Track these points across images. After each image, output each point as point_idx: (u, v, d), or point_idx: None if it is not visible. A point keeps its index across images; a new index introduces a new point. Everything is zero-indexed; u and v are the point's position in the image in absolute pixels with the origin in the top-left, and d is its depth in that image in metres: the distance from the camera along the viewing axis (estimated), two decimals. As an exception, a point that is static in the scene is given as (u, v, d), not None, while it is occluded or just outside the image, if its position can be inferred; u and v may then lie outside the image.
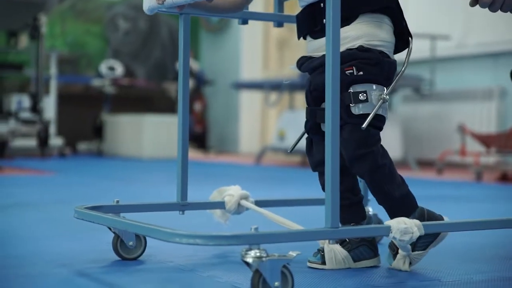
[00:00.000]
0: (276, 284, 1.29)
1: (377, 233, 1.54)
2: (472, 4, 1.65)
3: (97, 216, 1.63)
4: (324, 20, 1.58)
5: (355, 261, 1.69)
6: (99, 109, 8.04)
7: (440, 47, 6.17)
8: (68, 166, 5.81)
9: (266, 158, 7.07)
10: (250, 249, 1.30)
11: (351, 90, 1.58)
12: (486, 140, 5.06)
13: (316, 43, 1.67)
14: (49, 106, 7.17)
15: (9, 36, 7.04)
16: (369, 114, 1.57)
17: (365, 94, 1.58)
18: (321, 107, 1.65)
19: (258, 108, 8.74)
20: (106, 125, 7.78)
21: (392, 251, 1.67)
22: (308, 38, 1.70)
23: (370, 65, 1.60)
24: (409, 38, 1.69)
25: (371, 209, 2.03)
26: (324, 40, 1.61)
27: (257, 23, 8.22)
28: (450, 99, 6.20)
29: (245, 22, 1.93)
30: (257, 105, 8.72)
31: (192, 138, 8.47)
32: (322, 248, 1.68)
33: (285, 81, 5.75)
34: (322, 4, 1.62)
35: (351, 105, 1.58)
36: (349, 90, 1.58)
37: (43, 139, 6.57)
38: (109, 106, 8.00)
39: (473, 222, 1.70)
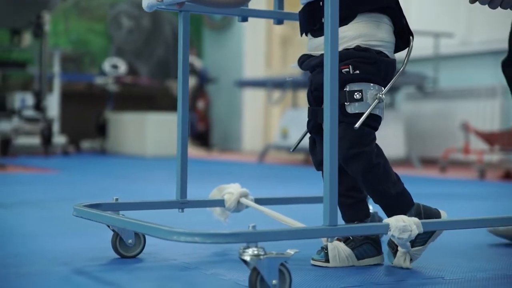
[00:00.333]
0: (274, 282, 1.29)
1: (376, 231, 1.53)
2: (472, 1, 1.64)
3: (95, 214, 1.63)
4: (323, 19, 1.58)
5: (358, 259, 1.68)
6: (102, 107, 8.04)
7: (443, 45, 6.16)
8: (72, 164, 5.82)
9: (269, 156, 7.07)
10: (248, 247, 1.30)
11: (347, 89, 1.57)
12: (489, 138, 5.05)
13: (315, 41, 1.66)
14: (53, 104, 7.18)
15: (12, 34, 7.04)
16: (364, 114, 1.56)
17: (360, 93, 1.57)
18: (322, 107, 1.65)
19: (261, 106, 8.74)
20: (109, 123, 7.79)
21: (392, 249, 1.67)
22: (308, 36, 1.70)
23: (367, 64, 1.59)
24: (410, 37, 1.67)
25: (371, 207, 2.03)
26: (323, 39, 1.61)
27: (260, 20, 8.21)
28: (454, 97, 6.19)
29: (244, 20, 1.93)
30: (260, 103, 8.72)
31: (195, 136, 8.47)
32: (325, 246, 1.68)
33: (287, 79, 5.75)
34: (321, 2, 1.61)
35: (346, 103, 1.57)
36: (344, 89, 1.57)
37: (46, 137, 6.57)
38: (112, 104, 8.00)
39: (473, 220, 1.70)
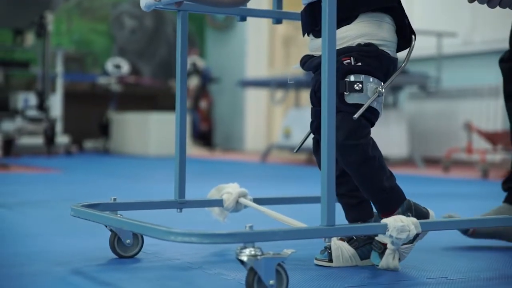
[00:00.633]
0: (271, 282, 1.29)
1: (374, 231, 1.51)
2: (470, 0, 1.64)
3: (93, 214, 1.62)
4: None
5: (362, 259, 1.68)
6: (105, 107, 8.05)
7: (446, 45, 6.15)
8: (74, 164, 5.82)
9: (272, 156, 7.07)
10: (245, 247, 1.30)
11: (348, 79, 1.57)
12: (492, 138, 5.05)
13: (317, 42, 1.66)
14: (56, 104, 7.19)
15: (15, 34, 7.05)
16: (363, 105, 1.56)
17: (360, 85, 1.57)
18: None
19: (264, 106, 8.74)
20: (112, 123, 7.80)
21: (379, 250, 1.63)
22: (310, 36, 1.70)
23: (369, 58, 1.59)
24: (412, 36, 1.67)
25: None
26: None
27: (262, 20, 8.21)
28: (457, 97, 6.19)
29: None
30: (263, 103, 8.72)
31: (198, 136, 8.47)
32: (329, 245, 1.67)
33: (289, 81, 5.72)
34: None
35: (345, 93, 1.57)
36: (345, 79, 1.57)
37: (49, 137, 6.58)
38: (115, 104, 8.01)
39: (472, 220, 1.69)
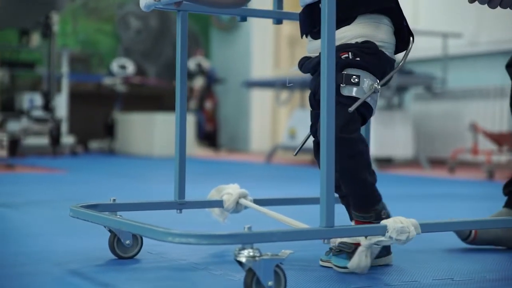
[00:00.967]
0: (270, 283, 1.29)
1: (373, 232, 1.50)
2: (471, 0, 1.64)
3: (91, 215, 1.62)
4: None
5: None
6: (111, 107, 8.06)
7: (452, 45, 6.14)
8: (80, 165, 5.83)
9: (277, 157, 7.06)
10: (243, 249, 1.30)
11: (345, 72, 1.57)
12: (498, 139, 5.04)
13: (315, 43, 1.66)
14: (61, 105, 7.20)
15: (21, 34, 7.07)
16: (358, 99, 1.56)
17: (357, 79, 1.57)
18: None
19: (269, 106, 8.73)
20: (118, 124, 7.80)
21: (349, 249, 1.59)
22: (308, 38, 1.70)
23: (367, 54, 1.59)
24: (410, 38, 1.67)
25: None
26: None
27: (268, 21, 8.20)
28: (462, 97, 6.17)
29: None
30: (268, 104, 8.71)
31: (203, 136, 8.47)
32: (333, 246, 1.67)
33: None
34: (321, 4, 1.61)
35: (341, 85, 1.57)
36: (343, 72, 1.57)
37: (55, 137, 6.59)
38: (121, 105, 8.02)
39: (474, 221, 1.68)
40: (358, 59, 1.58)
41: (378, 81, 1.60)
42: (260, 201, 1.91)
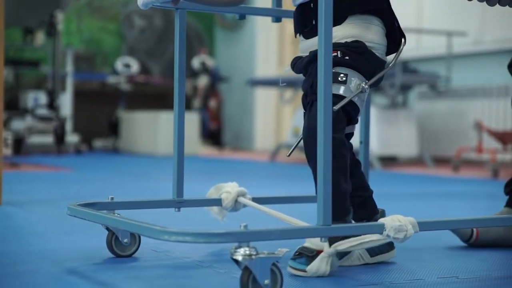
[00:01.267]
0: (266, 282, 1.28)
1: (371, 231, 1.49)
2: None
3: (88, 213, 1.62)
4: (314, 21, 1.57)
5: (372, 256, 1.67)
6: (115, 106, 8.07)
7: (456, 44, 6.13)
8: (84, 163, 5.84)
9: (281, 155, 7.06)
10: (239, 247, 1.29)
11: (333, 70, 1.55)
12: (502, 137, 5.03)
13: (306, 43, 1.66)
14: (66, 103, 7.21)
15: (25, 33, 7.08)
16: (344, 98, 1.55)
17: (345, 77, 1.57)
18: None
19: (273, 105, 8.74)
20: (122, 122, 7.81)
21: (310, 253, 1.54)
22: (300, 37, 1.69)
23: (356, 53, 1.58)
24: (402, 39, 1.66)
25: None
26: (313, 41, 1.61)
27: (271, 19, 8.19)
28: (467, 96, 6.16)
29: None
30: (272, 102, 8.71)
31: (207, 135, 8.48)
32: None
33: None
34: (312, 4, 1.61)
35: None
36: None
37: (59, 136, 6.60)
38: (125, 103, 8.03)
39: (470, 220, 1.68)
40: (347, 57, 1.57)
41: (367, 81, 1.59)
42: (259, 200, 1.91)
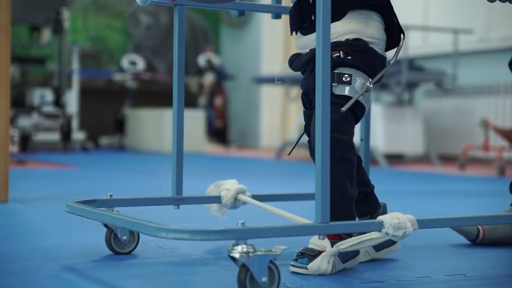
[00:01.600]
0: (264, 279, 1.28)
1: (369, 228, 1.48)
2: None
3: (86, 211, 1.62)
4: (313, 16, 1.57)
5: (377, 251, 1.67)
6: (121, 103, 8.08)
7: (462, 41, 6.11)
8: (90, 160, 5.85)
9: (286, 153, 7.06)
10: (237, 244, 1.29)
11: (336, 71, 1.56)
12: (509, 135, 5.01)
13: (304, 39, 1.66)
14: (72, 101, 7.22)
15: (31, 30, 7.09)
16: (349, 98, 1.55)
17: (349, 78, 1.56)
18: None
19: (279, 102, 8.73)
20: (128, 120, 7.82)
21: (312, 252, 1.54)
22: (298, 34, 1.69)
23: (358, 53, 1.58)
24: (401, 35, 1.66)
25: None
26: (312, 37, 1.61)
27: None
28: (473, 94, 6.15)
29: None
30: (277, 100, 8.71)
31: (213, 133, 8.48)
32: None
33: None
34: (311, 0, 1.60)
35: (333, 84, 1.55)
36: (334, 71, 1.56)
37: (65, 133, 6.61)
38: (131, 101, 8.04)
39: (473, 217, 1.67)
40: (349, 57, 1.57)
41: (370, 79, 1.59)
42: (258, 197, 1.90)
